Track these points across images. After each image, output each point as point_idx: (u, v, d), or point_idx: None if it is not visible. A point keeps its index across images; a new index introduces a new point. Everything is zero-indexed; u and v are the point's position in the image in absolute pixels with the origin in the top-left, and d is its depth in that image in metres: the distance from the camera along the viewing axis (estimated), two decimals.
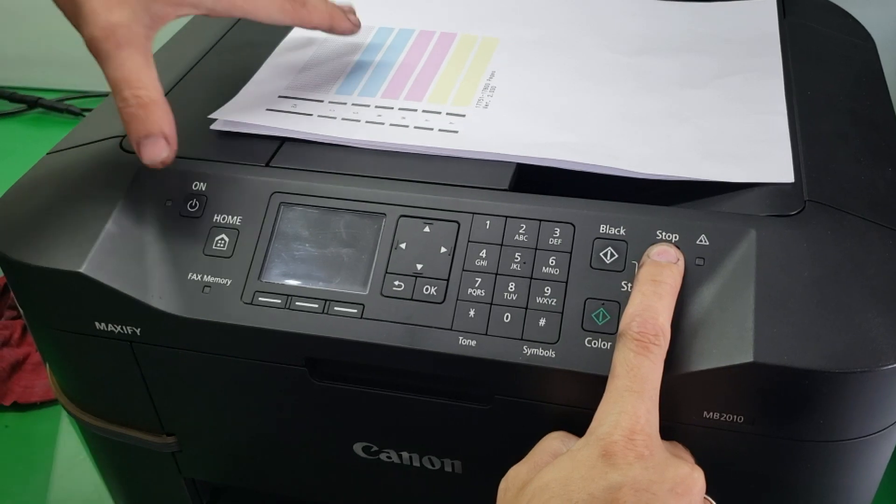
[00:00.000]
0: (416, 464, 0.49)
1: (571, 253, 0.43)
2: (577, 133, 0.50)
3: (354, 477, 0.52)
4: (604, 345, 0.41)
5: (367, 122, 0.51)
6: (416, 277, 0.44)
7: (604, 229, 0.43)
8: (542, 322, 0.42)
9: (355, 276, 0.44)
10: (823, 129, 0.50)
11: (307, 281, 0.45)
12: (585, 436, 0.38)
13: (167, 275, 0.45)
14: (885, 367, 0.38)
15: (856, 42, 0.61)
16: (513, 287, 0.43)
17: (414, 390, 0.45)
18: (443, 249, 0.44)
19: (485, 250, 0.44)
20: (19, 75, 1.22)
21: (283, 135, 0.50)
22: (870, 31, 0.63)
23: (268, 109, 0.52)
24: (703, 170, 0.46)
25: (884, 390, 0.40)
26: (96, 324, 0.47)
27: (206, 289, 0.45)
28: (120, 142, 0.51)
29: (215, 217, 0.46)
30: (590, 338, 0.41)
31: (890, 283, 0.41)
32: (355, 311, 0.44)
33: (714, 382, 0.40)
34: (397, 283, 0.44)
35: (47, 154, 0.53)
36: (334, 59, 0.58)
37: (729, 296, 0.41)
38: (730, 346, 0.39)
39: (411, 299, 0.43)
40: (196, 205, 0.47)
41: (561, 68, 0.56)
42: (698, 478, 0.37)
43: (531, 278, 0.43)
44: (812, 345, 0.39)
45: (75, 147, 0.52)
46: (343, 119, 0.52)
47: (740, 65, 0.56)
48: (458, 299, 0.43)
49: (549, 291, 0.43)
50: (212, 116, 0.52)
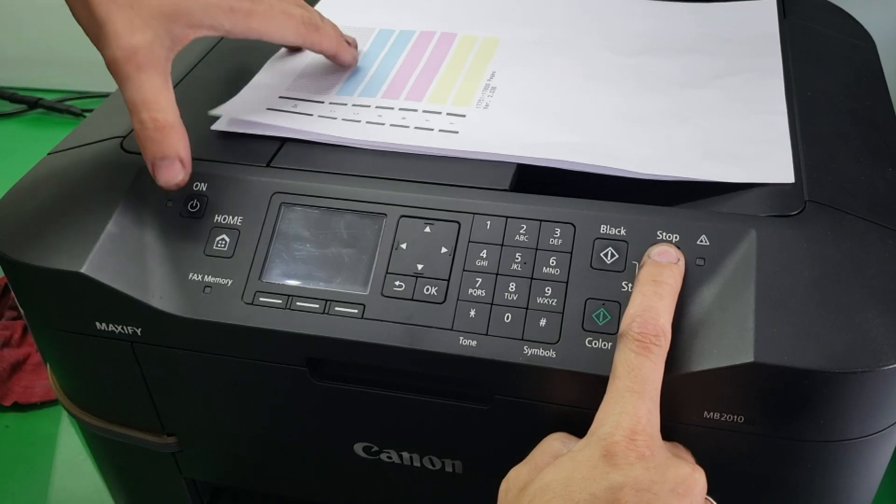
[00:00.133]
0: (416, 464, 0.49)
1: (572, 253, 0.43)
2: (577, 133, 0.50)
3: (355, 477, 0.52)
4: (604, 345, 0.41)
5: (367, 122, 0.51)
6: (417, 277, 0.44)
7: (604, 229, 0.43)
8: (543, 322, 0.42)
9: (356, 277, 0.44)
10: (824, 130, 0.50)
11: (308, 281, 0.45)
12: (586, 436, 0.38)
13: (168, 275, 0.45)
14: (885, 368, 0.38)
15: (856, 42, 0.61)
16: (513, 287, 0.43)
17: (414, 390, 0.45)
18: (443, 249, 0.44)
19: (485, 250, 0.44)
20: (20, 76, 1.22)
21: (284, 134, 0.50)
22: (870, 32, 0.63)
23: (268, 109, 0.53)
24: (703, 170, 0.46)
25: (884, 390, 0.40)
26: (97, 324, 0.47)
27: (207, 289, 0.45)
28: (121, 142, 0.51)
29: (216, 217, 0.46)
30: (590, 338, 0.41)
31: (890, 284, 0.41)
32: (356, 311, 0.44)
33: (714, 382, 0.40)
34: (398, 283, 0.44)
35: (48, 154, 0.53)
36: None
37: (729, 296, 0.41)
38: (730, 346, 0.39)
39: (412, 299, 0.43)
40: (197, 205, 0.47)
41: (561, 68, 0.56)
42: (699, 478, 0.37)
43: (532, 278, 0.43)
44: (812, 345, 0.39)
45: (76, 147, 0.52)
46: (343, 119, 0.52)
47: (740, 65, 0.56)
48: (458, 299, 0.43)
49: (550, 292, 0.43)
50: (212, 114, 0.52)
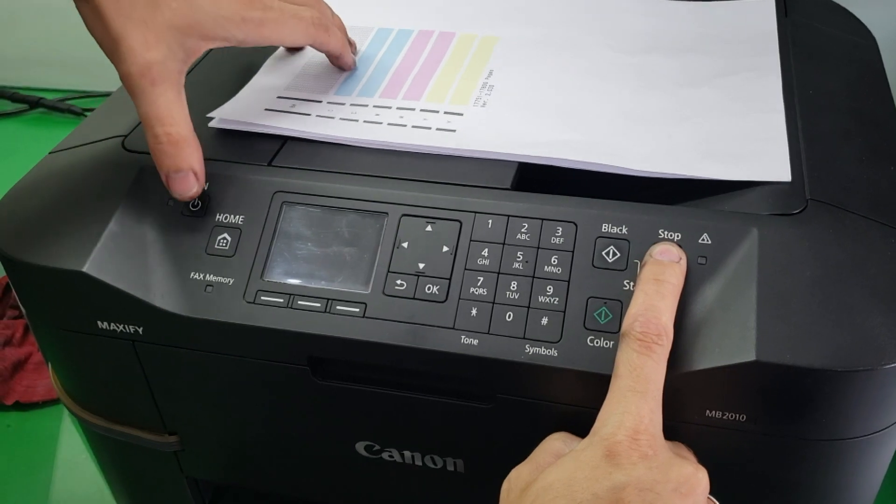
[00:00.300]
0: (418, 463, 0.49)
1: (573, 252, 0.43)
2: (576, 131, 0.50)
3: (356, 476, 0.52)
4: (606, 344, 0.41)
5: (364, 121, 0.51)
6: (419, 276, 0.44)
7: (606, 228, 0.43)
8: (545, 321, 0.42)
9: (357, 276, 0.44)
10: (825, 128, 0.49)
11: (309, 280, 0.45)
12: (589, 436, 0.38)
13: (169, 274, 0.45)
14: (887, 366, 0.38)
15: (857, 41, 0.61)
16: (515, 286, 0.43)
17: (416, 389, 0.45)
18: (445, 248, 0.44)
19: (487, 249, 0.44)
20: (21, 75, 1.22)
21: (280, 133, 0.50)
22: (871, 30, 0.63)
23: (266, 109, 0.52)
24: (702, 168, 0.46)
25: (886, 389, 0.39)
26: (98, 323, 0.47)
27: (209, 288, 0.45)
28: (122, 141, 0.51)
29: (217, 216, 0.46)
30: (592, 337, 0.41)
31: (892, 282, 0.41)
32: (357, 310, 0.44)
33: (716, 381, 0.40)
34: (399, 282, 0.44)
35: (49, 154, 0.53)
36: None
37: (731, 295, 0.41)
38: (732, 345, 0.39)
39: (413, 298, 0.43)
40: (198, 204, 0.47)
41: (560, 67, 0.56)
42: (702, 478, 0.37)
43: (533, 277, 0.43)
44: (814, 344, 0.39)
45: (77, 147, 0.52)
46: (341, 119, 0.51)
47: (739, 64, 0.55)
48: (460, 298, 0.43)
49: (552, 290, 0.42)
50: (210, 115, 0.52)
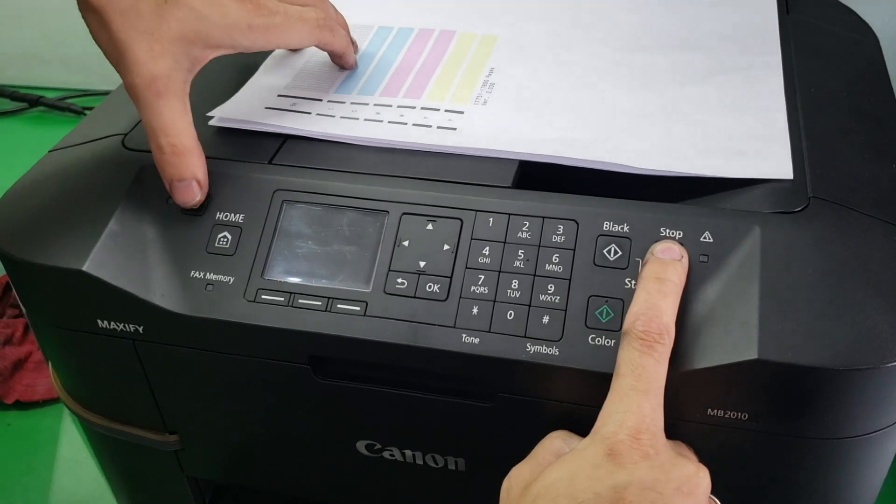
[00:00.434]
0: (418, 462, 0.49)
1: (575, 250, 0.43)
2: (577, 129, 0.50)
3: (357, 475, 0.52)
4: (607, 342, 0.41)
5: (365, 119, 0.51)
6: (419, 275, 0.44)
7: (607, 226, 0.43)
8: (546, 319, 0.42)
9: (358, 274, 0.44)
10: (827, 126, 0.49)
11: (310, 278, 0.45)
12: (590, 435, 0.38)
13: (170, 273, 0.45)
14: (889, 364, 0.38)
15: (859, 38, 0.61)
16: (516, 284, 0.43)
17: (417, 388, 0.45)
18: (446, 247, 0.44)
19: (488, 247, 0.44)
20: (20, 74, 1.22)
21: (281, 132, 0.50)
22: (873, 28, 0.63)
23: (266, 108, 0.52)
24: (703, 166, 0.46)
25: (888, 387, 0.39)
26: (99, 322, 0.47)
27: (209, 286, 0.45)
28: (122, 140, 0.51)
29: (218, 215, 0.46)
30: (593, 335, 0.41)
31: (894, 280, 0.41)
32: (358, 308, 0.44)
33: (718, 380, 0.40)
34: (400, 280, 0.44)
35: (49, 152, 0.53)
36: None
37: (733, 293, 0.41)
38: (734, 343, 0.39)
39: (414, 297, 0.43)
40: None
41: (560, 65, 0.56)
42: (704, 477, 0.37)
43: (534, 275, 0.43)
44: (816, 342, 0.39)
45: (77, 145, 0.52)
46: (341, 117, 0.51)
47: (739, 61, 0.55)
48: (461, 297, 0.43)
49: (553, 289, 0.42)
50: (210, 114, 0.52)
